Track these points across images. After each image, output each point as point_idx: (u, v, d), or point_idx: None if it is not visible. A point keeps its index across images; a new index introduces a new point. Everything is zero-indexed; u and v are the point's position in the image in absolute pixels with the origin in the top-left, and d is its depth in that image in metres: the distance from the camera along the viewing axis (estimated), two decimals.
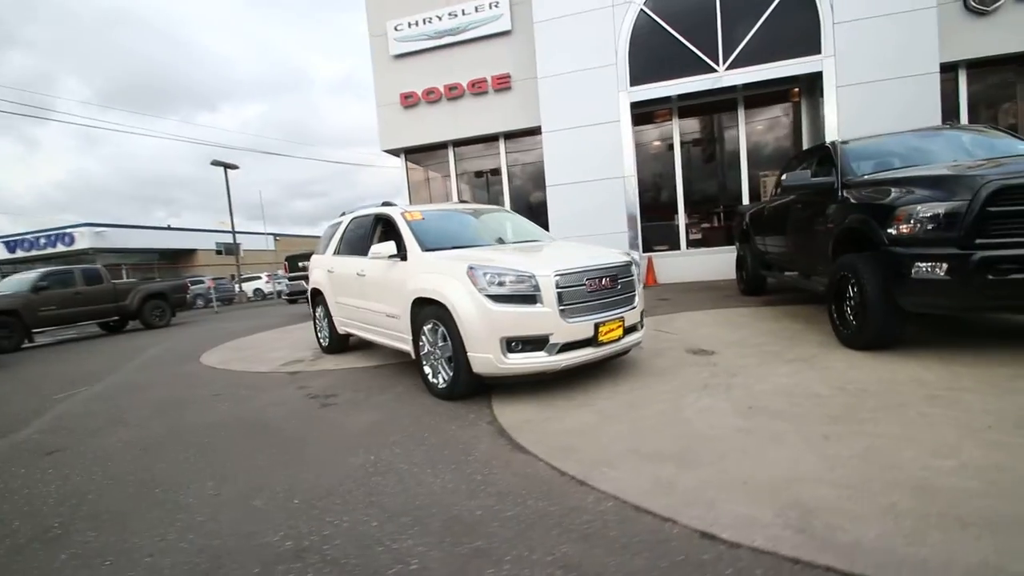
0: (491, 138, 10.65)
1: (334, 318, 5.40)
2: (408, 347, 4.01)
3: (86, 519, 2.18)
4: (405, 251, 4.02)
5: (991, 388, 2.77)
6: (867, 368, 3.35)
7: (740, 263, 7.41)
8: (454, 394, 3.46)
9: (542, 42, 9.27)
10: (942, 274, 3.16)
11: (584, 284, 3.33)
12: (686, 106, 9.47)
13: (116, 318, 11.04)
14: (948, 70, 7.91)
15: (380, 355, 5.33)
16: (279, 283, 24.24)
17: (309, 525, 1.95)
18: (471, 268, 3.33)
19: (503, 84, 9.97)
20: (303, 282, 10.21)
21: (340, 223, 5.61)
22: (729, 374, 3.51)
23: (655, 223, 9.67)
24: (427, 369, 3.73)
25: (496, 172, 10.88)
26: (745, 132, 9.32)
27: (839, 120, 8.07)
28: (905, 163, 4.28)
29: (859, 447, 2.21)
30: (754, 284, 6.92)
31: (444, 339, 3.50)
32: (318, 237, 6.53)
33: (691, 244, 9.63)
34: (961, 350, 3.52)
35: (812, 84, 8.57)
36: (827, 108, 8.14)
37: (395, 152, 11.24)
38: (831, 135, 8.08)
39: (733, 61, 8.48)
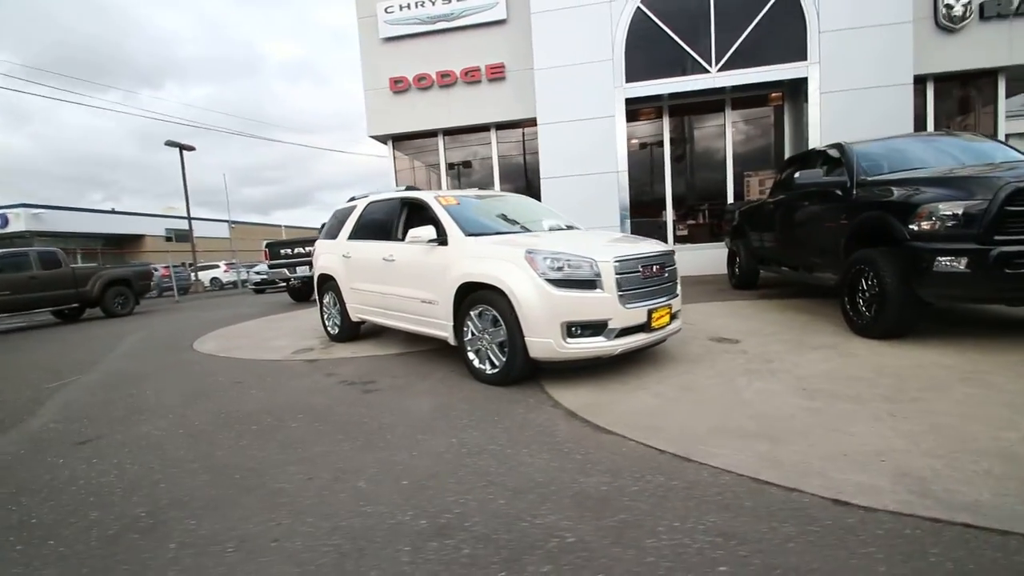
0: (482, 128, 10.58)
1: (348, 305, 5.26)
2: (445, 333, 3.97)
3: (174, 507, 2.06)
4: (445, 236, 3.97)
5: (1010, 371, 3.04)
6: (890, 355, 3.59)
7: (732, 258, 7.74)
8: (507, 379, 3.46)
9: (539, 34, 9.28)
10: (962, 267, 3.43)
11: (639, 271, 3.41)
12: (676, 105, 9.73)
13: (75, 305, 10.27)
14: (918, 82, 8.50)
15: (396, 343, 5.24)
16: (241, 271, 23.20)
17: (434, 504, 1.93)
18: (530, 253, 3.34)
19: (497, 74, 9.91)
20: (286, 270, 9.85)
21: (354, 207, 5.46)
22: (764, 360, 3.68)
23: (643, 219, 9.91)
24: (471, 355, 3.72)
25: (486, 161, 10.82)
26: (731, 132, 9.69)
27: (822, 124, 8.52)
28: (910, 165, 4.58)
29: (926, 423, 2.38)
30: (747, 278, 7.24)
31: (495, 324, 3.50)
32: (277, 226, 6.35)
33: (678, 240, 9.94)
34: (963, 339, 3.83)
35: (796, 89, 9.00)
36: (811, 113, 8.58)
37: (382, 139, 10.98)
38: (814, 139, 8.54)
39: (725, 63, 8.79)
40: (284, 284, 10.57)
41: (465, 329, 3.75)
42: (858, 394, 2.85)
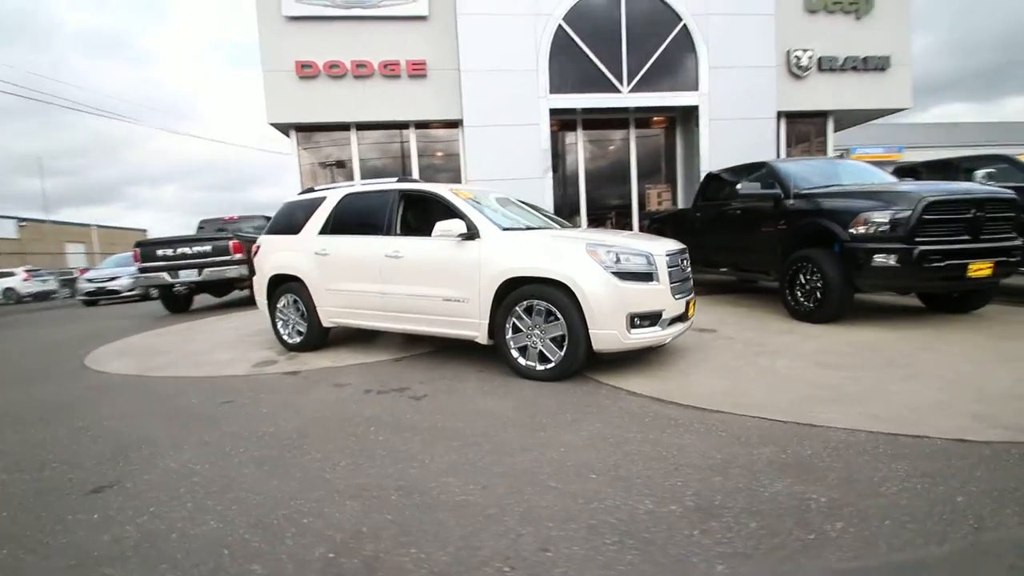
0: (400, 125, 10.14)
1: (320, 309, 4.68)
2: (473, 332, 3.82)
3: (348, 546, 1.71)
4: (475, 230, 3.82)
5: (943, 340, 3.98)
6: (844, 335, 4.39)
7: None
8: (565, 374, 3.46)
9: (466, 35, 9.26)
10: (893, 262, 4.37)
11: (678, 264, 3.69)
12: (588, 119, 10.47)
13: None
14: (800, 116, 10.41)
15: (376, 349, 4.84)
16: (48, 280, 18.61)
17: (658, 490, 1.91)
18: (591, 246, 3.40)
19: (418, 71, 9.61)
20: (165, 275, 8.30)
21: (321, 199, 4.89)
22: (757, 344, 4.23)
23: None
24: (515, 353, 3.63)
25: (404, 160, 10.38)
26: (635, 148, 10.75)
27: (710, 147, 9.92)
28: (824, 181, 5.64)
29: (946, 378, 3.01)
30: None
31: (548, 319, 3.48)
32: (86, 225, 5.48)
33: None
34: (878, 321, 4.87)
35: (688, 114, 10.34)
36: (701, 136, 9.95)
37: (284, 127, 9.86)
38: (704, 159, 9.91)
39: (636, 85, 9.74)
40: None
41: (507, 326, 3.64)
42: (864, 363, 3.47)
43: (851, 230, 4.64)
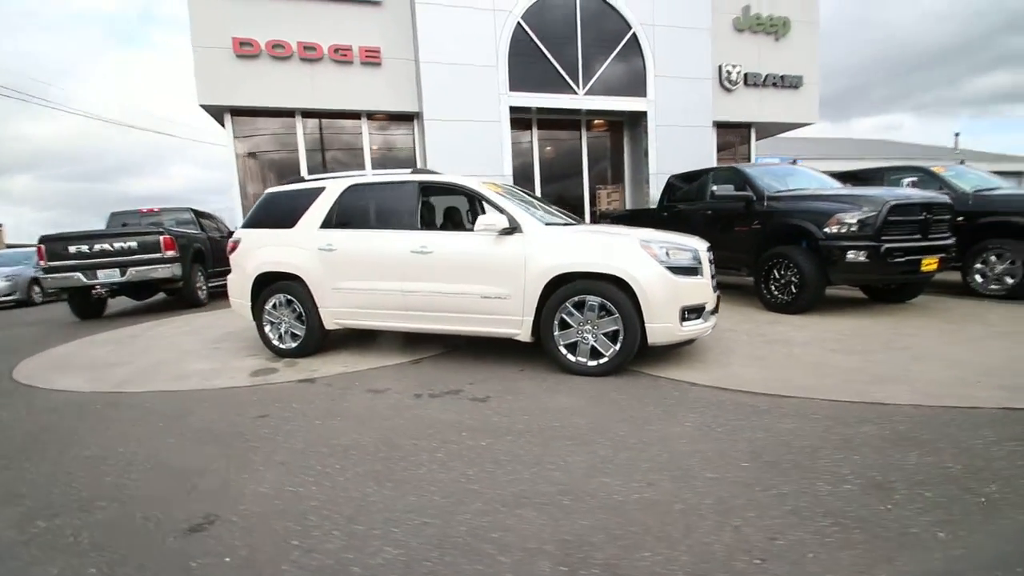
0: (352, 115, 9.55)
1: (324, 310, 4.29)
2: (513, 330, 3.75)
3: (573, 557, 1.60)
4: (516, 225, 3.72)
5: (912, 323, 4.57)
6: (826, 322, 4.90)
7: None
8: (616, 369, 3.49)
9: (424, 25, 8.95)
10: (863, 258, 4.95)
11: (711, 260, 3.88)
12: (542, 118, 10.61)
13: None
14: (729, 126, 11.27)
15: (379, 351, 4.54)
16: None
17: (812, 473, 2.00)
18: (645, 242, 3.47)
19: (372, 58, 9.11)
20: (80, 275, 7.12)
21: (318, 189, 4.48)
22: (758, 334, 4.57)
23: None
24: (562, 350, 3.60)
25: (355, 153, 9.79)
26: (586, 149, 11.08)
27: (658, 151, 10.51)
28: (786, 185, 6.23)
29: (948, 358, 3.44)
30: None
31: (600, 314, 3.49)
32: None
33: None
34: (838, 310, 5.49)
35: (636, 119, 10.85)
36: (650, 141, 10.50)
37: (217, 110, 8.85)
38: (652, 163, 10.48)
39: (590, 88, 10.03)
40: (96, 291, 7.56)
41: (554, 323, 3.60)
42: (865, 347, 3.89)
43: (826, 229, 5.16)
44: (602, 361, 3.52)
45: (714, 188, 6.34)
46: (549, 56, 9.75)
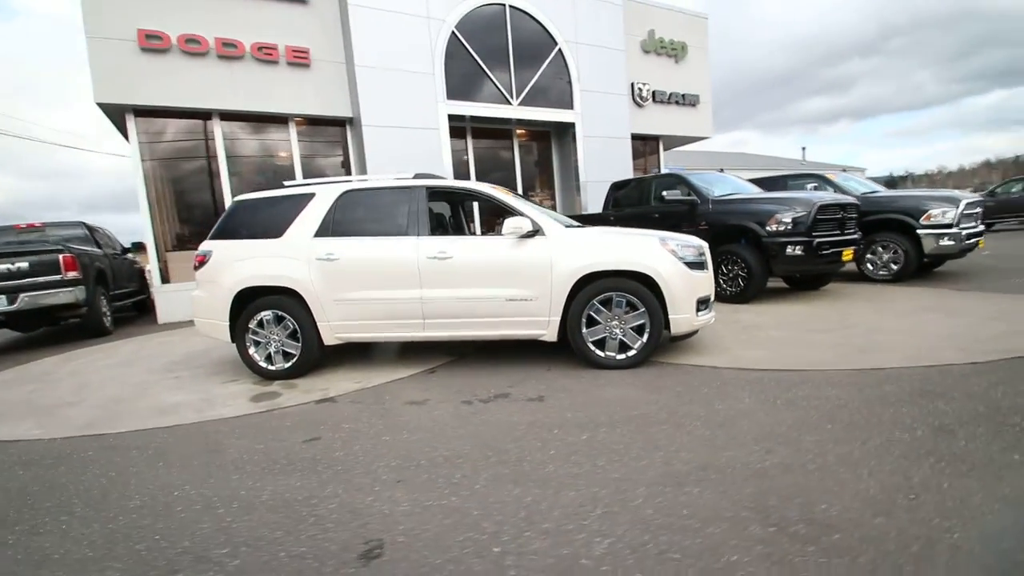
0: (278, 119, 8.86)
1: (325, 324, 4.01)
2: (539, 331, 3.84)
3: (799, 532, 1.75)
4: (538, 228, 3.81)
5: (852, 306, 5.41)
6: (778, 309, 5.62)
7: None
8: (643, 361, 3.72)
9: (358, 29, 8.62)
10: (799, 252, 5.76)
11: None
12: (476, 127, 10.71)
13: None
14: (641, 138, 12.19)
15: (382, 364, 4.36)
16: None
17: (893, 431, 2.36)
18: (662, 240, 3.75)
19: (301, 58, 8.55)
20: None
21: (309, 195, 4.20)
22: (732, 322, 5.11)
23: None
24: (591, 346, 3.75)
25: (279, 161, 9.08)
26: (519, 157, 11.38)
27: (584, 159, 11.13)
28: (722, 190, 6.99)
29: (910, 332, 4.13)
30: None
31: (627, 310, 3.70)
32: None
33: None
34: (776, 299, 6.31)
35: (564, 130, 11.37)
36: (578, 151, 11.09)
37: (117, 110, 7.71)
38: (581, 171, 11.09)
39: (523, 99, 10.36)
40: None
41: (581, 321, 3.74)
42: (829, 327, 4.54)
43: (767, 228, 5.92)
44: (630, 354, 3.73)
45: (664, 193, 6.92)
46: (484, 67, 9.90)
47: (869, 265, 7.06)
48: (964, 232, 6.55)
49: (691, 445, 2.32)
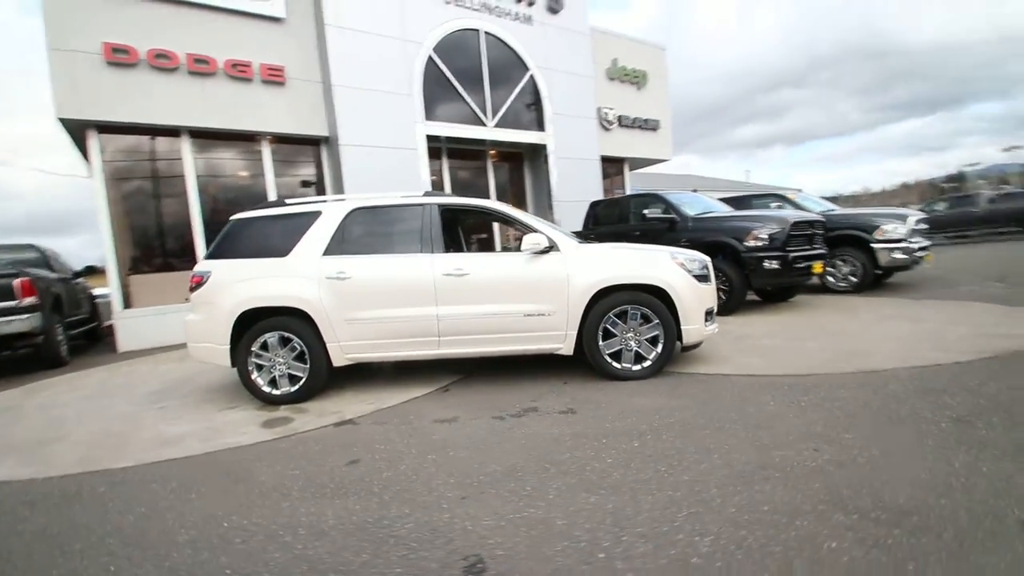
0: (250, 137, 8.61)
1: (335, 345, 3.91)
2: (556, 344, 3.91)
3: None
4: (553, 244, 3.90)
5: (825, 316, 5.78)
6: (760, 320, 5.92)
7: None
8: (658, 371, 3.84)
9: (336, 49, 8.58)
10: (776, 266, 6.13)
11: None
12: (452, 148, 10.80)
13: None
14: (608, 160, 12.61)
15: (389, 383, 4.28)
16: None
17: (924, 418, 2.55)
18: (673, 254, 3.92)
19: (275, 76, 8.39)
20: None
21: (315, 212, 4.12)
22: (722, 333, 5.33)
23: None
24: (607, 358, 3.84)
25: (255, 180, 8.79)
26: (493, 178, 11.54)
27: (557, 180, 11.41)
28: (697, 209, 7.36)
29: (890, 336, 4.47)
30: None
31: (643, 322, 3.82)
32: None
33: None
34: (752, 311, 6.67)
35: (537, 151, 11.64)
36: (551, 172, 11.37)
37: (79, 126, 7.26)
38: (554, 191, 11.35)
39: (498, 121, 10.56)
40: None
41: (598, 333, 3.82)
42: (813, 335, 4.84)
43: (745, 243, 6.28)
44: (645, 365, 3.84)
45: (646, 211, 7.21)
46: (460, 89, 10.05)
47: (830, 278, 7.56)
48: (915, 246, 7.17)
49: (740, 447, 2.42)
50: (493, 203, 4.25)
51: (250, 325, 3.92)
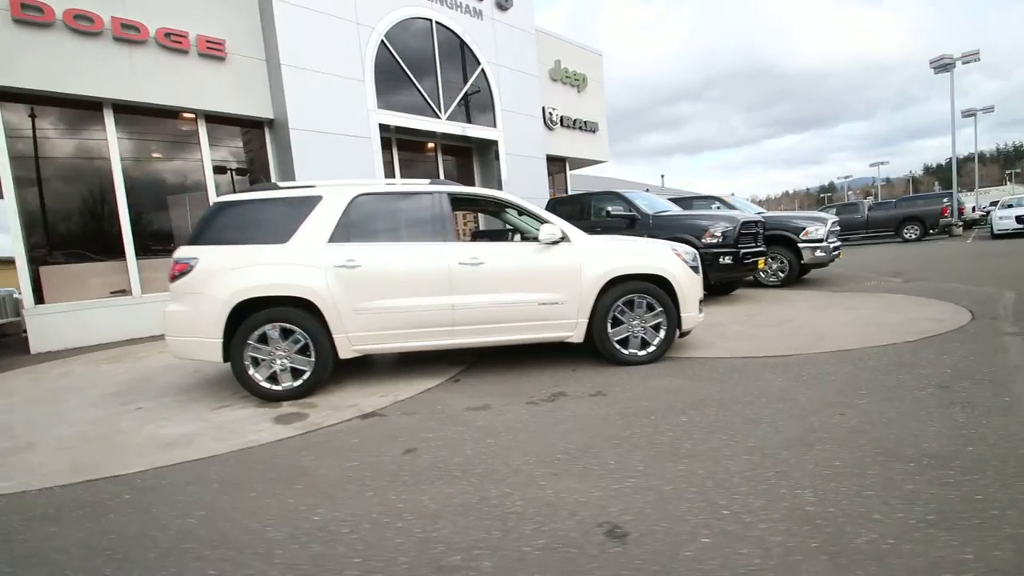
0: (186, 114, 7.80)
1: (343, 336, 3.75)
2: (567, 332, 4.05)
3: None
4: (565, 235, 4.02)
5: (770, 307, 6.45)
6: (721, 311, 6.48)
7: None
8: (660, 357, 4.11)
9: (284, 26, 8.03)
10: (730, 261, 6.74)
11: None
12: (401, 139, 10.54)
13: None
14: (551, 159, 12.91)
15: (391, 376, 4.20)
16: None
17: (919, 388, 2.99)
18: (672, 246, 4.21)
19: (215, 50, 7.68)
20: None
21: (316, 197, 3.91)
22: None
23: None
24: (616, 345, 4.05)
25: (190, 164, 7.98)
26: (443, 171, 11.40)
27: (508, 175, 11.55)
28: (654, 208, 7.86)
29: (841, 322, 5.12)
30: None
31: (647, 310, 4.07)
32: None
33: None
34: (710, 304, 7.28)
35: (487, 146, 11.67)
36: (502, 167, 11.48)
37: None
38: (505, 187, 11.47)
39: (451, 115, 10.46)
40: None
41: (607, 321, 4.01)
42: (773, 323, 5.41)
43: (703, 240, 6.83)
44: (650, 350, 4.09)
45: (610, 208, 7.57)
46: (413, 79, 9.83)
47: (761, 273, 8.42)
48: (831, 245, 8.19)
49: (779, 416, 2.70)
50: (505, 194, 4.28)
51: (242, 318, 3.64)
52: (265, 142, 8.69)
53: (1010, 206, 15.80)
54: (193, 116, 7.89)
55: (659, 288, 4.07)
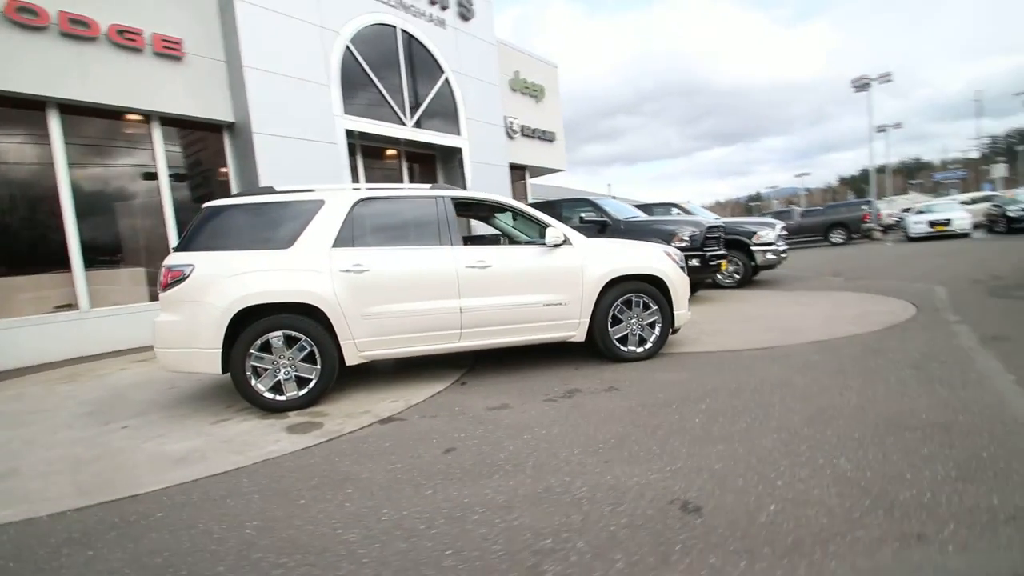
0: (137, 116, 7.33)
1: (351, 342, 3.70)
2: (570, 332, 4.19)
3: None
4: (568, 238, 4.16)
5: (737, 306, 6.89)
6: (695, 308, 6.84)
7: None
8: (658, 352, 4.32)
9: (247, 27, 7.73)
10: (697, 263, 7.15)
11: None
12: (365, 145, 10.37)
13: None
14: (512, 167, 13.10)
15: (392, 381, 4.19)
16: None
17: (902, 370, 3.33)
18: (664, 248, 4.45)
19: (172, 49, 7.27)
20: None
21: (317, 201, 3.85)
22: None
23: None
24: (616, 343, 4.22)
25: (129, 165, 7.48)
26: (407, 178, 11.31)
27: (473, 183, 11.62)
28: (622, 213, 8.19)
29: (792, 315, 5.57)
30: None
31: (643, 308, 4.28)
32: None
33: None
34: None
35: (450, 153, 11.68)
36: (467, 174, 11.53)
37: None
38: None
39: (416, 122, 10.42)
40: None
41: (608, 320, 4.18)
42: (747, 319, 5.80)
43: (672, 244, 7.19)
44: (647, 347, 4.29)
45: (582, 214, 7.81)
46: (379, 86, 9.72)
47: (721, 275, 8.96)
48: (780, 248, 8.85)
49: (787, 401, 2.94)
50: (508, 199, 4.36)
51: (239, 327, 3.50)
52: (225, 147, 8.30)
53: (923, 212, 17.64)
54: (147, 118, 7.42)
55: (654, 288, 4.28)
